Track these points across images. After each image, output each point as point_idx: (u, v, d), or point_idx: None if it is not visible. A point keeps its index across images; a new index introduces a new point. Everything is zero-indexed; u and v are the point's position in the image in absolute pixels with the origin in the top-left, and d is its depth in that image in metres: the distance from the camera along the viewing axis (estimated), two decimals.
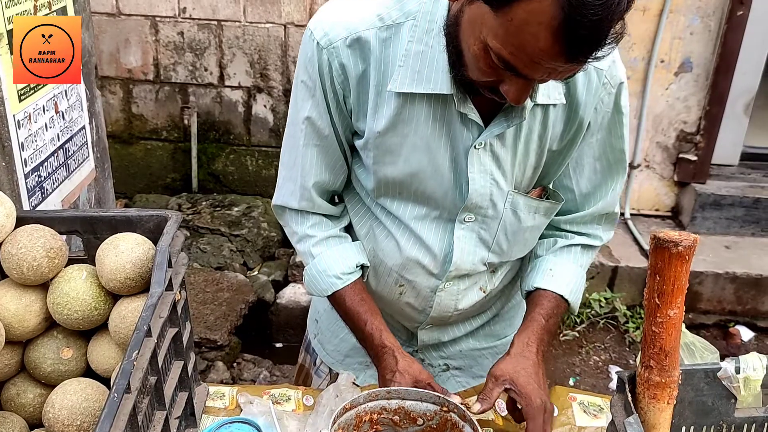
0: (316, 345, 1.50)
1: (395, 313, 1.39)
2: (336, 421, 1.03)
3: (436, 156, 1.18)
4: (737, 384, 0.95)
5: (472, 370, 1.47)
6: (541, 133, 1.19)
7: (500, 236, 1.27)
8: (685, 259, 0.83)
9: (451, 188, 1.21)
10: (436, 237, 1.26)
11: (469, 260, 1.28)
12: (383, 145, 1.19)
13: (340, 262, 1.29)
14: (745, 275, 3.59)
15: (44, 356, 1.12)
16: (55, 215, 1.19)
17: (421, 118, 1.15)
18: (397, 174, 1.21)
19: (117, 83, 4.17)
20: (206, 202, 4.17)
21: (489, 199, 1.22)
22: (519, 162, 1.20)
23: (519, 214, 1.26)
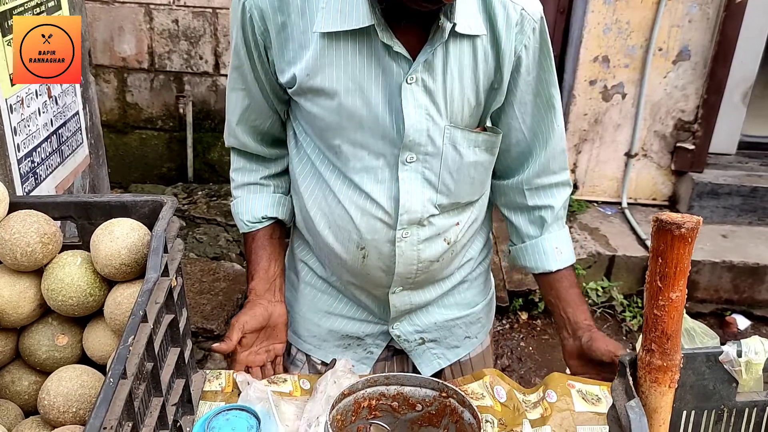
0: (290, 336, 1.49)
1: (365, 282, 1.38)
2: (335, 407, 1.02)
3: (369, 96, 1.19)
4: (739, 368, 0.94)
5: (447, 341, 1.48)
6: (473, 66, 1.21)
7: (444, 174, 1.27)
8: (688, 241, 0.82)
9: (389, 128, 1.22)
10: (383, 186, 1.27)
11: (418, 202, 1.27)
12: (315, 88, 1.20)
13: (248, 211, 1.40)
14: (741, 264, 3.59)
15: (39, 343, 1.10)
16: (48, 200, 1.17)
17: (348, 57, 1.17)
18: (335, 118, 1.22)
19: (111, 72, 4.14)
20: (202, 192, 4.15)
21: (426, 134, 1.22)
22: (452, 95, 1.21)
23: (459, 149, 1.26)
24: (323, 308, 1.45)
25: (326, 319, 1.44)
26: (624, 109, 3.79)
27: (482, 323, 1.52)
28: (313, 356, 1.49)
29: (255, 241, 1.40)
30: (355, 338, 1.46)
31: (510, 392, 1.29)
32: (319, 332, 1.46)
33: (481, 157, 1.31)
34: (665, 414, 0.89)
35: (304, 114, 1.27)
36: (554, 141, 1.36)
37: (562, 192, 1.43)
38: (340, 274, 1.40)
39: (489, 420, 1.21)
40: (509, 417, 1.24)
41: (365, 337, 1.45)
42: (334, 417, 1.02)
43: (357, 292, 1.40)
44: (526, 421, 1.24)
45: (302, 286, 1.46)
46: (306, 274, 1.46)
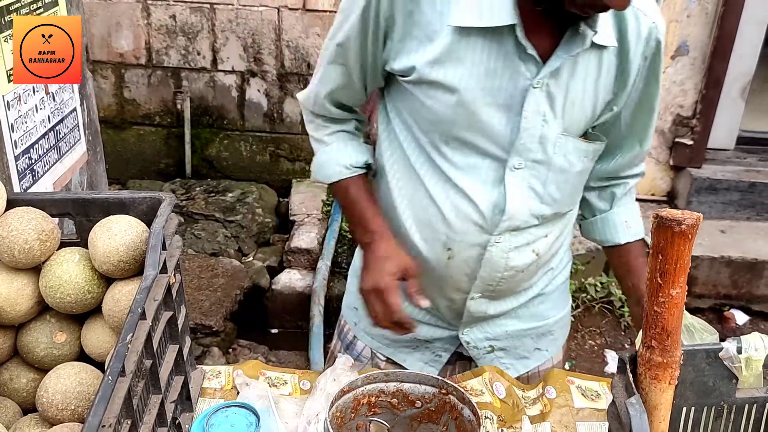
0: (358, 332, 1.48)
1: (444, 284, 1.34)
2: (334, 404, 1.02)
3: (492, 96, 1.17)
4: (739, 364, 0.94)
5: (516, 351, 1.45)
6: (596, 76, 1.20)
7: (550, 184, 1.26)
8: (688, 237, 0.81)
9: (503, 130, 1.19)
10: (485, 189, 1.24)
11: (521, 210, 1.25)
12: (437, 81, 1.17)
13: (350, 155, 1.33)
14: (740, 259, 3.59)
15: (37, 340, 1.10)
16: (46, 197, 1.17)
17: (477, 54, 1.14)
18: (449, 113, 1.19)
19: (109, 68, 4.13)
20: (200, 188, 4.15)
21: (538, 141, 1.20)
22: (572, 104, 1.20)
23: (569, 159, 1.25)
24: None
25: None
26: None
27: (554, 336, 1.49)
28: (379, 354, 1.47)
29: (362, 185, 1.34)
30: (423, 341, 1.43)
31: (509, 388, 1.29)
32: (387, 332, 1.42)
33: (586, 166, 1.30)
34: (665, 411, 0.89)
35: (413, 104, 1.23)
36: (646, 142, 1.37)
37: (637, 175, 1.44)
38: (422, 274, 1.33)
39: (488, 416, 1.21)
40: (508, 413, 1.24)
41: (434, 341, 1.43)
42: (334, 414, 1.02)
43: (432, 295, 1.34)
44: (525, 417, 1.24)
45: None
46: None
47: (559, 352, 1.54)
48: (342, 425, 1.05)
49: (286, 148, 4.25)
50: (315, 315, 3.29)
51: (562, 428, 1.23)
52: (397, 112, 1.29)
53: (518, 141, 1.19)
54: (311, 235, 3.73)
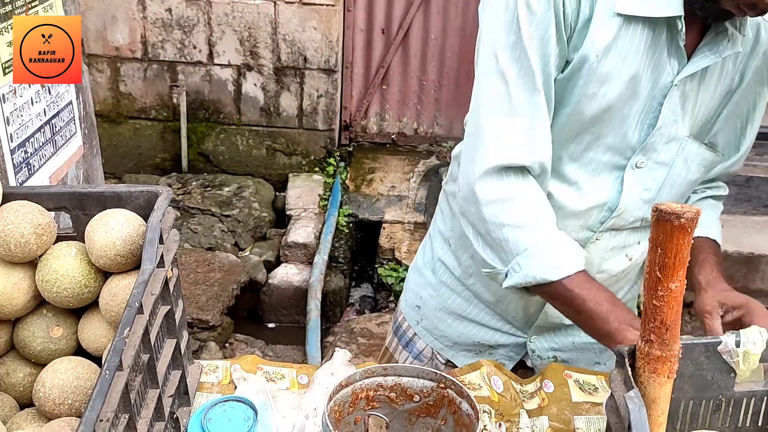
0: (420, 331, 1.45)
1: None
2: (332, 398, 1.02)
3: (638, 89, 1.13)
4: (737, 358, 0.94)
5: (578, 364, 1.42)
6: (717, 80, 1.17)
7: (666, 187, 1.22)
8: (687, 231, 0.81)
9: (637, 126, 1.15)
10: (600, 184, 1.20)
11: (631, 210, 1.22)
12: (596, 73, 1.10)
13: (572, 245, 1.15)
14: (736, 253, 3.60)
15: (34, 335, 1.10)
16: (42, 191, 1.16)
17: (633, 45, 1.09)
18: (594, 108, 1.12)
19: (104, 61, 4.11)
20: (196, 182, 4.14)
21: (665, 142, 1.17)
22: (701, 106, 1.17)
23: (689, 164, 1.21)
24: (456, 311, 1.40)
25: (458, 322, 1.39)
26: None
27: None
28: (440, 354, 1.45)
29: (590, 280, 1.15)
30: (486, 346, 1.41)
31: (507, 382, 1.28)
32: (451, 333, 1.42)
33: (700, 177, 1.26)
34: (664, 404, 0.89)
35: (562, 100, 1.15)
36: (736, 160, 1.32)
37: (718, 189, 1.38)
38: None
39: (486, 410, 1.21)
40: (506, 407, 1.24)
41: (498, 347, 1.40)
42: (332, 408, 1.02)
43: (511, 297, 1.30)
44: (523, 411, 1.24)
45: (438, 285, 1.41)
46: (443, 274, 1.40)
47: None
48: (340, 419, 1.05)
49: (283, 142, 4.24)
50: (312, 309, 3.29)
51: (559, 422, 1.23)
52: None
53: (649, 139, 1.16)
54: (308, 230, 3.73)
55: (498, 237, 1.14)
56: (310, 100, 4.16)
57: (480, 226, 1.17)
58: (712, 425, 0.98)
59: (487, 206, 1.14)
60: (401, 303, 1.53)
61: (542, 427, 1.22)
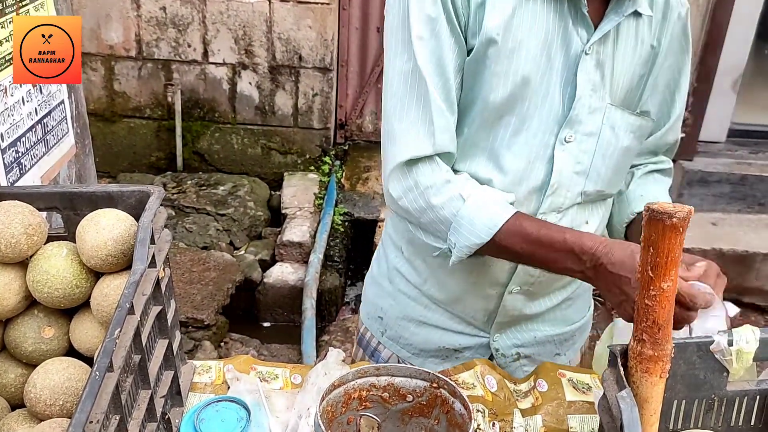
0: (385, 341, 1.45)
1: (481, 279, 1.30)
2: (325, 398, 1.01)
3: (550, 61, 1.14)
4: (729, 357, 0.94)
5: (540, 358, 1.43)
6: (634, 45, 1.19)
7: (597, 158, 1.22)
8: (680, 231, 0.81)
9: (558, 100, 1.16)
10: (533, 165, 1.20)
11: (566, 185, 1.22)
12: (499, 52, 1.12)
13: (498, 195, 1.17)
14: (731, 252, 3.61)
15: (25, 335, 1.09)
16: (33, 191, 1.15)
17: (536, 18, 1.11)
18: (510, 86, 1.14)
19: (98, 60, 4.10)
20: (191, 181, 4.13)
21: (589, 112, 1.18)
22: (618, 72, 1.18)
23: (616, 131, 1.22)
24: (417, 318, 1.40)
25: (421, 329, 1.39)
26: None
27: (573, 341, 1.48)
28: (407, 363, 1.44)
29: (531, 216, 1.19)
30: (452, 350, 1.41)
31: (501, 382, 1.28)
32: (415, 341, 1.42)
33: (632, 144, 1.26)
34: (656, 404, 0.89)
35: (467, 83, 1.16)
36: (668, 128, 1.34)
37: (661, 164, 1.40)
38: (450, 274, 1.29)
39: (480, 410, 1.21)
40: (500, 406, 1.24)
41: (463, 350, 1.40)
42: (324, 408, 1.02)
43: (467, 296, 1.31)
44: (516, 410, 1.24)
45: (396, 294, 1.41)
46: (400, 282, 1.40)
47: (577, 356, 1.53)
48: (333, 419, 1.04)
49: (278, 141, 4.24)
50: (307, 308, 3.29)
51: (553, 421, 1.23)
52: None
53: (572, 112, 1.17)
54: (303, 229, 3.72)
55: (426, 221, 1.18)
56: (306, 99, 4.15)
57: (409, 216, 1.22)
58: (705, 424, 0.99)
59: (402, 200, 1.19)
60: (362, 315, 1.53)
61: (536, 427, 1.22)
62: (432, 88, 1.13)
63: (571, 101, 1.16)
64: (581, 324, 1.48)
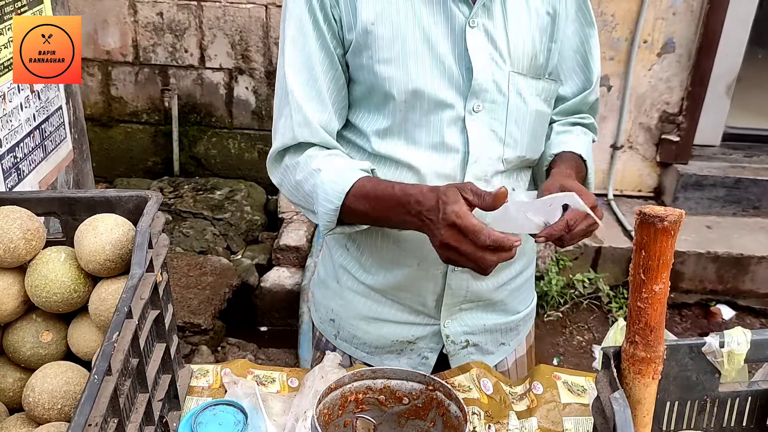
0: (340, 344, 1.46)
1: (422, 260, 1.32)
2: (321, 401, 1.02)
3: (437, 44, 1.18)
4: (721, 359, 0.95)
5: (486, 347, 1.45)
6: (528, 14, 1.23)
7: (510, 124, 1.26)
8: (671, 234, 0.83)
9: (456, 74, 1.20)
10: (448, 140, 1.23)
11: (486, 153, 1.25)
12: (379, 40, 1.17)
13: (352, 163, 1.23)
14: (726, 255, 3.62)
15: (23, 340, 1.10)
16: (31, 196, 1.16)
17: (412, 2, 1.17)
18: (399, 73, 1.19)
19: (95, 65, 4.10)
20: (188, 186, 4.13)
21: (492, 80, 1.22)
22: (514, 41, 1.22)
23: (524, 96, 1.26)
24: (368, 314, 1.41)
25: (373, 325, 1.40)
26: (609, 101, 3.81)
27: (518, 331, 1.50)
28: (363, 363, 1.45)
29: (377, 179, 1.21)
30: (406, 342, 1.42)
31: (496, 384, 1.29)
32: (369, 339, 1.43)
33: (542, 108, 1.30)
34: (649, 405, 0.90)
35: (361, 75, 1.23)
36: (590, 91, 1.38)
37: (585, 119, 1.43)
38: (395, 260, 1.33)
39: (475, 412, 1.22)
40: (496, 409, 1.25)
41: (417, 341, 1.41)
42: (321, 411, 1.02)
43: (413, 280, 1.33)
44: (512, 413, 1.25)
45: (345, 293, 1.42)
46: (347, 280, 1.41)
47: (522, 345, 1.55)
48: (329, 422, 1.05)
49: None
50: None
51: (548, 423, 1.24)
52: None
53: (474, 82, 1.21)
54: (300, 233, 3.73)
55: (299, 198, 1.28)
56: None
57: (291, 199, 1.31)
58: (698, 426, 0.99)
59: (281, 186, 1.30)
60: (314, 319, 1.54)
61: (531, 429, 1.23)
62: (294, 85, 1.22)
63: (470, 73, 1.21)
64: (525, 314, 1.50)
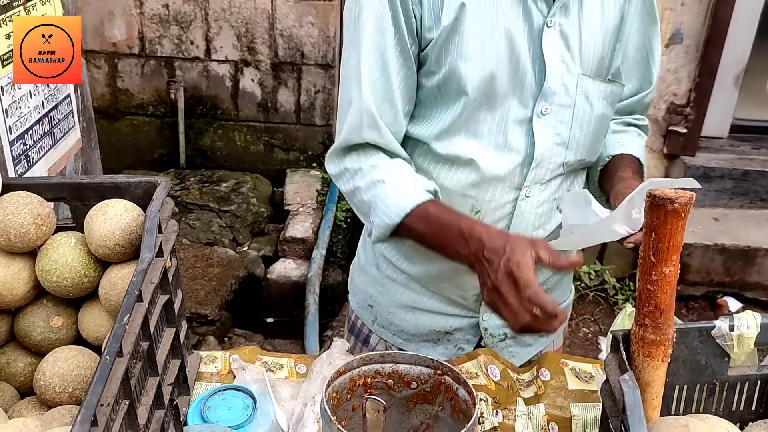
0: (376, 329, 1.47)
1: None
2: (330, 385, 1.02)
3: (516, 43, 1.17)
4: (731, 342, 0.95)
5: (525, 339, 1.45)
6: (601, 13, 1.22)
7: (575, 128, 1.26)
8: (681, 216, 0.82)
9: (529, 75, 1.19)
10: (513, 140, 1.23)
11: (548, 157, 1.25)
12: (461, 36, 1.15)
13: (419, 179, 1.21)
14: (733, 247, 3.61)
15: (34, 324, 1.10)
16: (41, 182, 1.17)
17: (493, 1, 1.15)
18: (477, 69, 1.17)
19: (102, 57, 4.11)
20: (194, 178, 4.14)
21: (561, 83, 1.21)
22: (586, 42, 1.21)
23: (591, 100, 1.25)
24: (407, 303, 1.41)
25: (411, 314, 1.40)
26: None
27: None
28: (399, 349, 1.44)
29: (441, 204, 1.21)
30: (443, 333, 1.42)
31: (504, 371, 1.29)
32: (407, 327, 1.43)
33: (606, 111, 1.29)
34: (658, 388, 0.90)
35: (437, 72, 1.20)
36: (650, 88, 1.38)
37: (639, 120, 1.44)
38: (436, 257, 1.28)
39: (483, 398, 1.22)
40: (503, 395, 1.25)
41: (454, 332, 1.42)
42: (330, 394, 1.03)
43: (456, 273, 1.31)
44: (520, 399, 1.25)
45: (384, 281, 1.42)
46: (387, 269, 1.41)
47: (560, 338, 1.54)
48: (338, 406, 1.05)
49: (280, 137, 4.24)
50: (310, 304, 3.30)
51: (556, 410, 1.24)
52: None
53: (545, 85, 1.20)
54: (306, 225, 3.73)
55: (356, 201, 1.26)
56: (308, 96, 4.16)
57: (346, 197, 1.31)
58: (707, 409, 0.99)
59: (338, 181, 1.29)
60: (352, 304, 1.55)
61: (539, 415, 1.23)
62: (366, 82, 1.19)
63: (542, 75, 1.20)
64: (564, 306, 1.50)
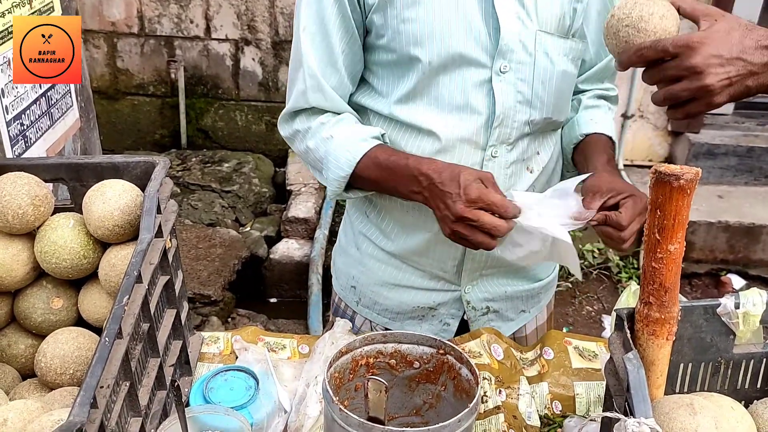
0: (360, 310, 1.47)
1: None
2: (332, 365, 1.02)
3: (463, 2, 1.17)
4: (736, 320, 0.94)
5: (506, 314, 1.45)
6: None
7: (537, 85, 1.24)
8: (687, 192, 0.81)
9: (483, 33, 1.19)
10: (474, 100, 1.22)
11: (511, 115, 1.24)
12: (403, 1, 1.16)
13: (363, 129, 1.25)
14: (737, 224, 3.60)
15: (34, 306, 1.10)
16: (39, 163, 1.16)
17: None
18: (425, 33, 1.17)
19: (101, 37, 4.08)
20: (196, 159, 4.13)
21: (519, 39, 1.20)
22: (541, 4, 1.20)
23: (551, 56, 1.24)
24: (389, 281, 1.41)
25: (394, 291, 1.40)
26: None
27: (539, 299, 1.49)
28: (384, 329, 1.44)
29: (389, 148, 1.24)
30: (427, 309, 1.42)
31: (507, 350, 1.29)
32: (391, 305, 1.43)
33: (569, 68, 1.28)
34: (663, 366, 0.89)
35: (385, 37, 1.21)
36: (609, 56, 1.35)
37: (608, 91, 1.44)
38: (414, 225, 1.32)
39: (486, 377, 1.22)
40: (506, 374, 1.25)
41: (438, 307, 1.41)
42: (332, 375, 1.02)
43: (433, 245, 1.32)
44: (523, 378, 1.24)
45: (365, 260, 1.42)
46: (368, 247, 1.41)
47: (543, 313, 1.54)
48: (340, 386, 1.05)
49: None
50: (313, 284, 3.30)
51: (559, 388, 1.24)
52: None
53: (501, 42, 1.19)
54: (308, 205, 3.73)
55: (310, 161, 1.32)
56: None
57: (300, 158, 1.37)
58: (711, 387, 0.99)
59: (291, 142, 1.36)
60: (335, 286, 1.54)
61: (542, 393, 1.23)
62: (308, 48, 1.23)
63: (497, 32, 1.19)
64: (547, 281, 1.50)
